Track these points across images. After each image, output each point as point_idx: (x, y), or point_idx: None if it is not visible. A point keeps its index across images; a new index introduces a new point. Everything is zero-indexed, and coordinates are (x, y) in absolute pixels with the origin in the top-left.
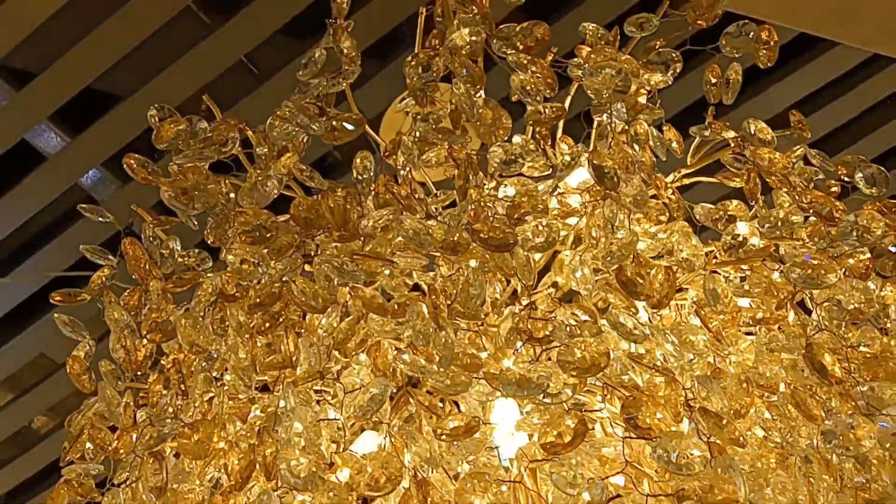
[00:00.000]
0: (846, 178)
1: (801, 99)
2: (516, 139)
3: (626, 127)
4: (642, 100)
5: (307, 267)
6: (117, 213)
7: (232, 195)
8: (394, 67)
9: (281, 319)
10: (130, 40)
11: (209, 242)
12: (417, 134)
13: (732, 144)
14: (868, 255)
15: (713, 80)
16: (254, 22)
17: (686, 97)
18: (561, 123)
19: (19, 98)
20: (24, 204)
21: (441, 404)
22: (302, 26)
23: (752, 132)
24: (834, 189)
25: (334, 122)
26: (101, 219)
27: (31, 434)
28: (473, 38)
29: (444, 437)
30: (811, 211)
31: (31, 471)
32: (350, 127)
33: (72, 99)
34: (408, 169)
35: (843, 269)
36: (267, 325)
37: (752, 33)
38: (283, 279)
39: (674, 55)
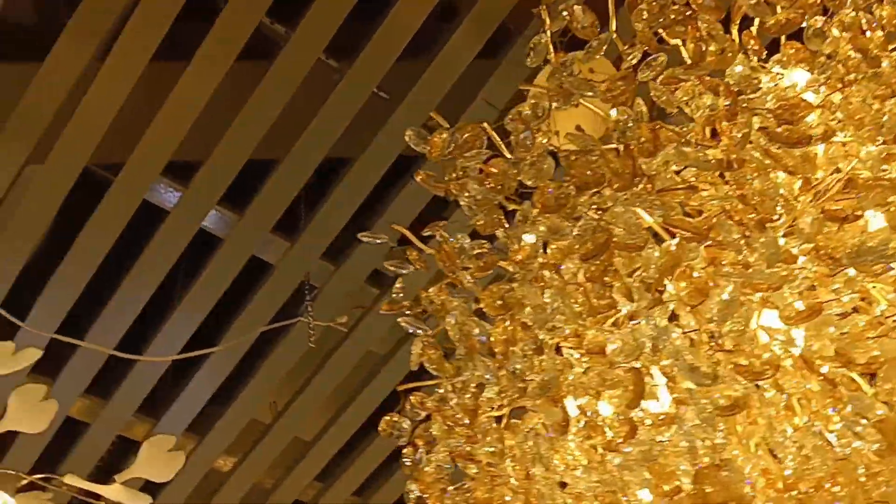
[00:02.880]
0: None
1: None
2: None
3: None
4: None
5: None
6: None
7: None
8: (505, 66)
9: (609, 266)
10: (276, 105)
11: (480, 230)
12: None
13: None
14: None
15: None
16: (375, 54)
17: None
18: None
19: (189, 193)
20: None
21: None
22: (417, 47)
23: None
24: None
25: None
26: (377, 241)
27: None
28: None
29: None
30: None
31: None
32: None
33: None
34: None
35: None
36: (598, 273)
37: None
38: (605, 227)
39: None
